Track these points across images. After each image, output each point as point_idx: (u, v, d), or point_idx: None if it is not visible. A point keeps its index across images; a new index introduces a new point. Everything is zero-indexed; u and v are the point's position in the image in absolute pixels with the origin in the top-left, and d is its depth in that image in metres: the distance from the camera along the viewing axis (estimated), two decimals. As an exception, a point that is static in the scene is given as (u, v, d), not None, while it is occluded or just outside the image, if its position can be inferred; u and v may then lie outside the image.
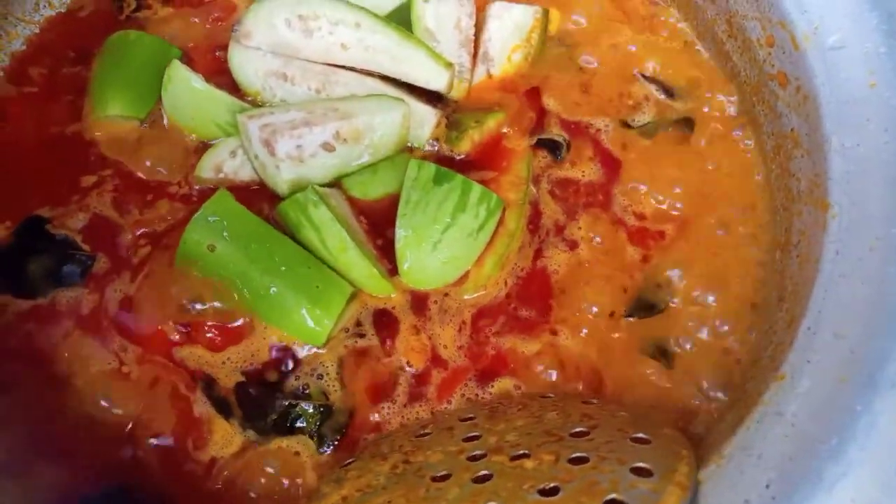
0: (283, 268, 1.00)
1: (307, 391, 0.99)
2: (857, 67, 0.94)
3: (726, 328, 1.02)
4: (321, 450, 0.97)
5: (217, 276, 1.01)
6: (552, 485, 0.75)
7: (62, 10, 1.28)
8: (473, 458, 0.84)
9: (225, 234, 1.01)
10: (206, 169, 1.12)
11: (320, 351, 1.01)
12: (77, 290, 1.05)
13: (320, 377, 1.00)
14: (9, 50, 1.22)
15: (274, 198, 1.08)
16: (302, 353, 1.01)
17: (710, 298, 1.04)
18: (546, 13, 1.24)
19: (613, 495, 0.71)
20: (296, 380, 1.00)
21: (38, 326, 1.02)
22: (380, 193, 1.10)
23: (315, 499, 0.88)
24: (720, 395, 0.98)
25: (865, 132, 0.90)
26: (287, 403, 0.98)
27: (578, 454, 0.79)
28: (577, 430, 0.85)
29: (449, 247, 1.03)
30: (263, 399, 0.99)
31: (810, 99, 0.98)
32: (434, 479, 0.82)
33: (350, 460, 0.93)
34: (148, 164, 1.14)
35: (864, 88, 0.92)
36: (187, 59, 1.22)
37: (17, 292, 1.05)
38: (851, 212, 0.88)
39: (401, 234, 1.03)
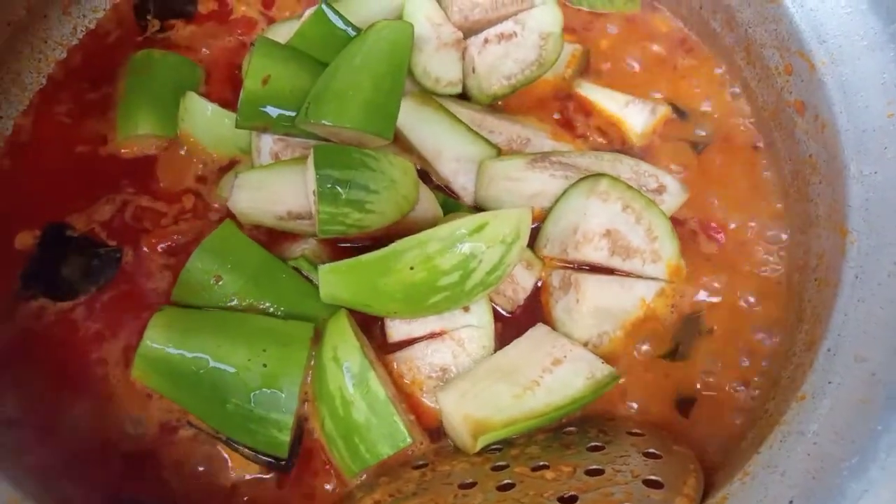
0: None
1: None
2: (875, 97, 0.97)
3: (746, 349, 1.05)
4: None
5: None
6: (570, 494, 0.79)
7: (91, 27, 1.30)
8: (497, 468, 0.88)
9: (229, 265, 1.02)
10: (228, 188, 1.12)
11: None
12: (111, 285, 1.08)
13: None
14: (46, 72, 1.25)
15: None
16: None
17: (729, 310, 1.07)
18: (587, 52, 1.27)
19: None
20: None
21: (74, 329, 1.04)
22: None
23: (348, 502, 0.91)
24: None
25: (884, 160, 0.93)
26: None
27: (595, 466, 0.84)
28: (593, 444, 0.89)
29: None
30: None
31: (828, 127, 1.01)
32: (461, 487, 0.86)
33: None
34: (173, 180, 1.16)
35: (881, 118, 0.95)
36: (209, 76, 1.25)
37: (54, 295, 1.07)
38: (870, 238, 0.91)
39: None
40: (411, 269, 0.92)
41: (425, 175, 1.13)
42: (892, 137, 0.94)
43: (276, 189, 1.04)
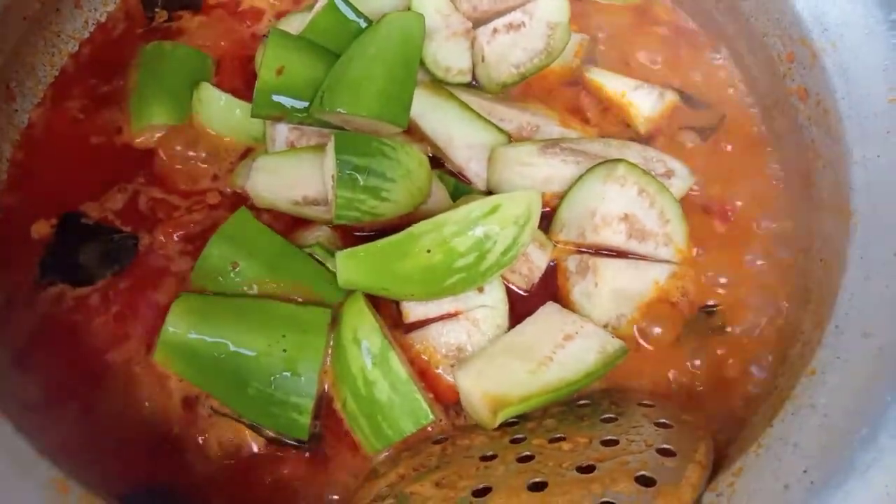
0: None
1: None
2: (877, 83, 1.00)
3: (754, 328, 1.07)
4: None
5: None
6: (588, 463, 0.83)
7: (102, 20, 1.32)
8: (515, 441, 0.91)
9: (245, 252, 1.04)
10: (243, 175, 1.15)
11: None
12: (128, 270, 1.09)
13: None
14: (59, 65, 1.27)
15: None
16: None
17: (740, 301, 1.09)
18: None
19: (643, 472, 0.79)
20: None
21: (94, 313, 1.06)
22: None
23: (372, 478, 0.94)
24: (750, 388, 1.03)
25: (886, 144, 0.97)
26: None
27: (609, 437, 0.87)
28: (606, 416, 0.93)
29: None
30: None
31: (831, 113, 1.04)
32: (482, 459, 0.89)
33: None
34: (187, 166, 1.17)
35: (882, 103, 0.98)
36: (218, 67, 1.27)
37: (73, 281, 1.08)
38: (874, 219, 0.94)
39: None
40: (428, 251, 0.94)
41: (438, 161, 1.15)
42: (894, 122, 0.97)
43: (293, 174, 1.06)
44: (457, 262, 0.95)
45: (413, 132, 1.12)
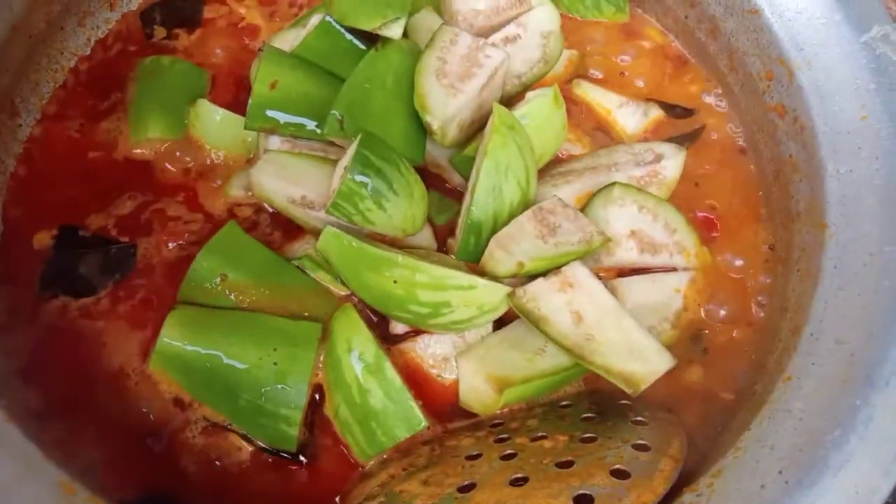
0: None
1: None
2: (850, 101, 1.04)
3: (735, 337, 1.10)
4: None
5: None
6: (567, 458, 0.86)
7: (102, 37, 1.35)
8: (499, 441, 0.94)
9: (234, 264, 1.05)
10: (237, 186, 1.18)
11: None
12: (127, 280, 1.11)
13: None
14: (61, 81, 1.30)
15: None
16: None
17: (722, 312, 1.12)
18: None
19: (618, 466, 0.83)
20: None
21: (98, 323, 1.08)
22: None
23: (365, 478, 0.97)
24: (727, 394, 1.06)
25: (858, 159, 1.00)
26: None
27: (588, 435, 0.91)
28: (586, 415, 0.96)
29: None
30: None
31: (807, 129, 1.08)
32: (468, 458, 0.92)
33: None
34: (184, 178, 1.20)
35: (855, 120, 1.03)
36: (214, 82, 1.30)
37: (74, 293, 1.10)
38: (847, 231, 0.98)
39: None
40: (395, 282, 0.98)
41: (439, 178, 1.19)
42: (865, 138, 1.01)
43: (298, 172, 1.10)
44: (411, 305, 0.99)
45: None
